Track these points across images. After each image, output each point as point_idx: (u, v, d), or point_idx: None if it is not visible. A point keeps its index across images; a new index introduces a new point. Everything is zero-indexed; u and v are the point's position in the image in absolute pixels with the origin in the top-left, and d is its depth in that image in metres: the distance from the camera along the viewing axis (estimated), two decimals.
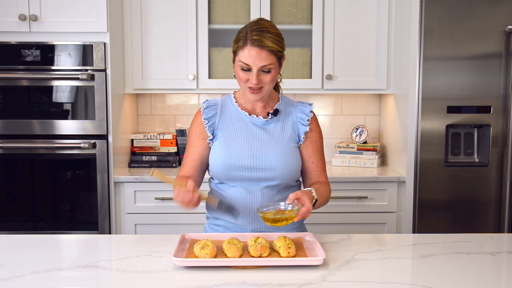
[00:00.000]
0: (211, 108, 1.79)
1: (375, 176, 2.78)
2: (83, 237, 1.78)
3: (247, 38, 1.64)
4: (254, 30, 1.65)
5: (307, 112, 1.80)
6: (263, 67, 1.63)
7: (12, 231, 2.74)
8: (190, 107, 3.33)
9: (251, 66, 1.63)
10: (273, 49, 1.63)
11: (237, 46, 1.68)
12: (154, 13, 2.95)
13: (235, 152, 1.70)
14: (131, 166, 3.06)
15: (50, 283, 1.29)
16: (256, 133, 1.74)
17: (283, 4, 2.96)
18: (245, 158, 1.69)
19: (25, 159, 2.73)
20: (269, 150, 1.71)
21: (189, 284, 1.30)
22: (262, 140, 1.73)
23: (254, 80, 1.64)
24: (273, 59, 1.64)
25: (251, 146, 1.71)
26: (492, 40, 2.60)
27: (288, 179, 1.73)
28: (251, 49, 1.62)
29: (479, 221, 2.68)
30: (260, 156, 1.70)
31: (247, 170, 1.69)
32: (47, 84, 2.68)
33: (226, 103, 1.82)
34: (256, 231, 1.71)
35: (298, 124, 1.78)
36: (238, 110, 1.79)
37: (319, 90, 3.01)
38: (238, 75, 1.69)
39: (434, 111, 2.64)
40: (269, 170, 1.69)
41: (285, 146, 1.73)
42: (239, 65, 1.67)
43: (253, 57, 1.62)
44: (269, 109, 1.80)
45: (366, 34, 2.98)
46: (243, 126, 1.76)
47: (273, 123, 1.77)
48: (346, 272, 1.36)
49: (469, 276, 1.34)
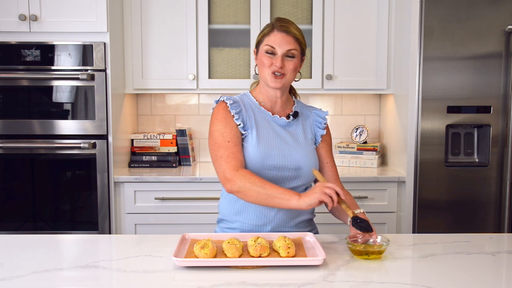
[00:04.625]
0: (236, 104, 1.76)
1: (375, 176, 2.78)
2: (83, 237, 1.78)
3: (274, 26, 1.72)
4: (280, 21, 1.74)
5: (323, 116, 1.88)
6: (288, 51, 1.70)
7: (12, 231, 2.74)
8: (190, 107, 3.33)
9: (276, 49, 1.69)
10: (298, 37, 1.72)
11: (263, 34, 1.75)
12: (154, 13, 2.95)
13: (267, 152, 1.70)
14: (131, 166, 3.06)
15: (50, 283, 1.29)
16: (280, 133, 1.76)
17: (283, 4, 2.96)
18: (275, 158, 1.71)
19: (25, 159, 2.73)
20: (295, 150, 1.74)
21: (189, 284, 1.30)
22: (287, 140, 1.76)
23: (279, 63, 1.68)
24: (297, 46, 1.72)
25: (279, 145, 1.73)
26: (492, 40, 2.60)
27: (311, 179, 1.78)
28: (277, 33, 1.70)
29: (479, 221, 2.68)
30: (288, 156, 1.72)
31: (277, 170, 1.71)
32: (47, 84, 2.68)
33: (245, 101, 1.80)
34: (273, 231, 1.71)
35: (315, 127, 1.85)
36: (261, 109, 1.79)
37: (319, 90, 3.01)
38: (262, 62, 1.72)
39: (434, 111, 2.64)
40: (296, 170, 1.73)
41: (308, 147, 1.78)
42: (264, 50, 1.72)
43: (279, 41, 1.69)
44: (287, 110, 1.83)
45: (366, 34, 2.98)
46: (268, 125, 1.76)
47: (294, 125, 1.81)
48: (346, 272, 1.36)
49: (469, 276, 1.34)
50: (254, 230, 1.73)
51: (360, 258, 1.46)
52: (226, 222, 1.79)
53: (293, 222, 1.75)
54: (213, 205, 2.73)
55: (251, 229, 1.73)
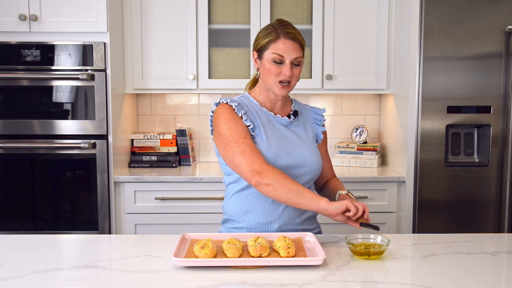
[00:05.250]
0: (240, 106, 1.75)
1: (375, 176, 2.78)
2: (83, 237, 1.78)
3: (279, 32, 1.69)
4: (284, 25, 1.71)
5: (320, 113, 1.91)
6: (295, 59, 1.69)
7: (12, 231, 2.74)
8: (190, 107, 3.33)
9: (285, 57, 1.68)
10: (303, 43, 1.72)
11: (269, 40, 1.70)
12: (154, 13, 2.95)
13: (277, 151, 1.71)
14: (131, 166, 3.06)
15: (50, 283, 1.29)
16: (284, 132, 1.77)
17: (283, 4, 2.96)
18: (285, 157, 1.71)
19: (25, 159, 2.73)
20: (299, 148, 1.75)
21: (189, 284, 1.30)
22: (291, 139, 1.77)
23: (288, 72, 1.68)
24: (302, 53, 1.72)
25: (284, 145, 1.74)
26: (492, 40, 2.60)
27: (317, 174, 1.81)
28: (285, 41, 1.68)
29: (479, 221, 2.68)
30: (295, 154, 1.73)
31: (285, 169, 1.71)
32: (47, 84, 2.68)
33: (247, 103, 1.79)
34: (280, 229, 1.71)
35: (314, 124, 1.88)
36: (263, 109, 1.79)
37: (319, 90, 3.01)
38: (269, 70, 1.69)
39: (434, 111, 2.64)
40: (302, 167, 1.74)
41: (311, 144, 1.81)
42: (271, 58, 1.69)
43: (288, 49, 1.68)
44: (286, 110, 1.83)
45: (366, 34, 2.98)
46: (271, 126, 1.77)
47: (295, 124, 1.82)
48: (346, 272, 1.36)
49: (469, 276, 1.34)
50: (261, 229, 1.72)
51: (360, 258, 1.46)
52: (232, 222, 1.78)
53: (300, 219, 1.75)
54: (213, 205, 2.73)
55: (258, 228, 1.72)
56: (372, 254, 1.45)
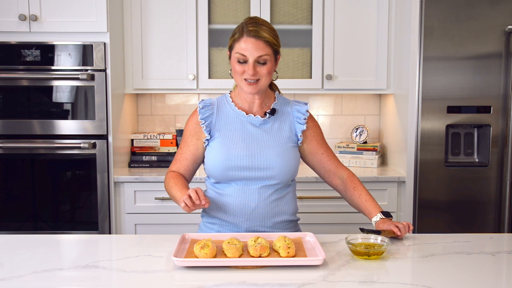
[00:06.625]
0: (207, 108, 1.79)
1: (375, 176, 2.78)
2: (83, 237, 1.78)
3: (243, 30, 1.68)
4: (250, 23, 1.69)
5: (303, 111, 1.82)
6: (259, 58, 1.66)
7: (12, 231, 2.74)
8: (190, 107, 3.33)
9: (247, 56, 1.66)
10: (269, 40, 1.67)
11: (233, 39, 1.71)
12: (154, 13, 2.95)
13: (233, 153, 1.70)
14: (131, 166, 3.06)
15: (50, 283, 1.29)
16: (253, 132, 1.75)
17: (283, 4, 2.96)
18: (243, 159, 1.70)
19: (25, 159, 2.73)
20: (267, 149, 1.72)
21: (189, 284, 1.30)
22: (260, 140, 1.74)
23: (251, 71, 1.66)
24: (269, 51, 1.67)
25: (248, 146, 1.72)
26: (492, 40, 2.60)
27: (286, 178, 1.74)
28: (247, 40, 1.66)
29: (479, 221, 2.68)
30: (258, 156, 1.70)
31: (245, 170, 1.70)
32: (47, 84, 2.68)
33: (222, 103, 1.82)
34: (249, 230, 1.71)
35: (295, 123, 1.80)
36: (235, 109, 1.79)
37: (319, 90, 3.01)
38: (234, 69, 1.71)
39: (434, 111, 2.64)
40: (267, 169, 1.70)
41: (282, 145, 1.74)
42: (235, 58, 1.69)
43: (250, 48, 1.65)
44: (265, 108, 1.80)
45: (366, 34, 2.98)
46: (240, 126, 1.76)
47: (270, 123, 1.77)
48: (346, 272, 1.36)
49: (469, 276, 1.34)
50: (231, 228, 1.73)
51: (360, 258, 1.46)
52: (206, 217, 1.81)
53: (271, 222, 1.73)
54: None
55: (228, 226, 1.74)
56: (372, 254, 1.45)
